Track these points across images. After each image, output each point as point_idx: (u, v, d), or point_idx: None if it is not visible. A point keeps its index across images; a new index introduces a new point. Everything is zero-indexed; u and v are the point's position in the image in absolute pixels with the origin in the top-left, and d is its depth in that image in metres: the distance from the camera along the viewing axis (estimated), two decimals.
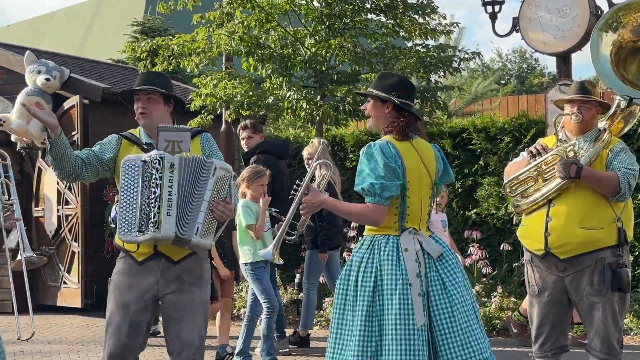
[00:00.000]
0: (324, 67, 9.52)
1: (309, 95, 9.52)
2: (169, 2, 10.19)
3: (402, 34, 10.06)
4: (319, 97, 9.59)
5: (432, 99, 9.94)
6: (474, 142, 10.65)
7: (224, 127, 10.76)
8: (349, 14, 9.64)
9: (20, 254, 5.72)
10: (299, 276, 9.16)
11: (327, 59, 9.51)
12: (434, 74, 10.17)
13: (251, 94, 9.45)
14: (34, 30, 32.55)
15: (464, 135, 10.78)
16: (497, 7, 9.13)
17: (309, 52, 9.53)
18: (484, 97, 17.20)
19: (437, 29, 10.11)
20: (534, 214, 4.93)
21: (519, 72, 31.99)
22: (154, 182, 4.25)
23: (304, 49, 9.64)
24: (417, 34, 10.00)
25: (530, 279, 5.01)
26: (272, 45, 9.63)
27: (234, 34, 9.37)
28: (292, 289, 9.45)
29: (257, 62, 9.52)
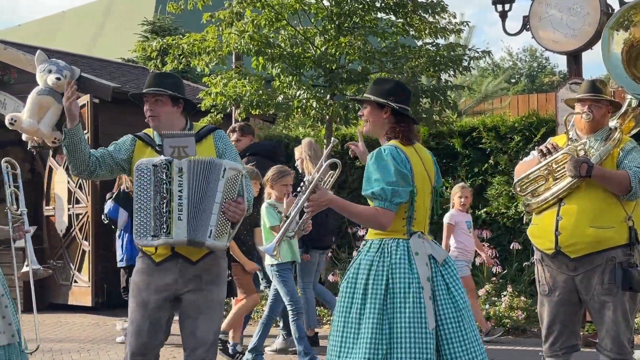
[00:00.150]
0: (334, 66, 9.52)
1: (318, 94, 9.52)
2: (179, 1, 10.21)
3: (412, 32, 10.05)
4: (329, 96, 9.59)
5: (442, 98, 9.93)
6: (484, 141, 10.63)
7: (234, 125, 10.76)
8: (358, 13, 9.63)
9: (26, 265, 5.71)
10: None
11: (336, 57, 9.51)
12: (443, 73, 10.15)
13: (261, 92, 9.47)
14: (45, 29, 32.63)
15: (474, 134, 10.76)
16: (507, 6, 9.10)
17: (319, 51, 9.53)
18: (494, 96, 17.16)
19: (447, 27, 10.10)
20: (544, 213, 4.91)
21: (529, 71, 31.91)
22: (164, 186, 4.27)
23: (314, 47, 9.65)
24: (426, 32, 9.99)
25: (540, 278, 5.00)
26: (281, 44, 9.64)
27: (244, 33, 9.38)
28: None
29: (266, 61, 9.53)
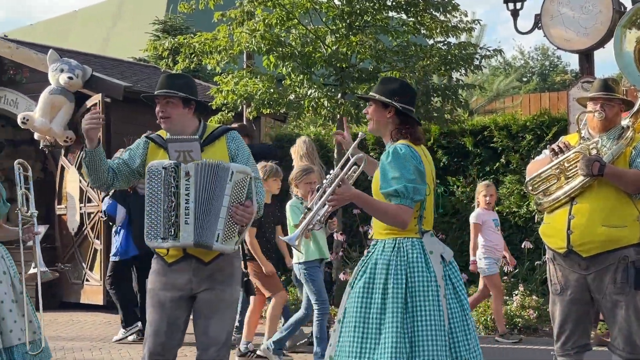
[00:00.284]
0: (345, 65, 9.52)
1: (329, 93, 9.52)
2: (191, 1, 10.22)
3: (423, 31, 10.03)
4: (340, 95, 9.58)
5: (454, 97, 9.91)
6: (495, 140, 10.61)
7: (245, 123, 10.77)
8: (369, 12, 9.62)
9: (34, 267, 5.73)
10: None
11: (347, 56, 9.50)
12: (455, 71, 10.13)
13: (272, 91, 9.47)
14: (57, 29, 32.74)
15: (486, 133, 10.74)
16: (518, 4, 9.09)
17: (330, 49, 9.52)
18: (506, 94, 17.09)
19: (458, 26, 10.08)
20: (556, 211, 4.90)
21: (541, 70, 31.79)
22: (172, 190, 4.29)
23: (325, 46, 9.64)
24: (438, 31, 9.96)
25: (552, 277, 4.98)
26: (292, 43, 9.64)
27: (255, 32, 9.39)
28: None
29: (277, 59, 9.53)
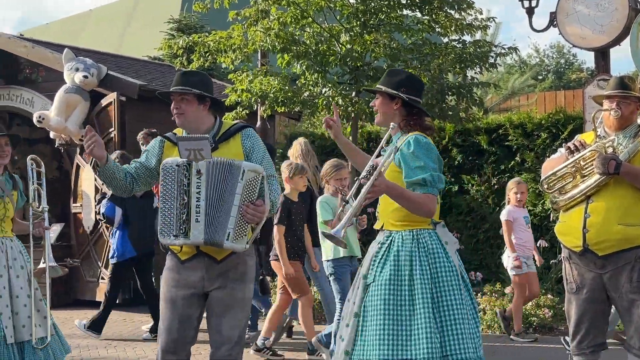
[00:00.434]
0: (359, 63, 9.51)
1: (344, 91, 9.52)
2: (205, 0, 10.24)
3: (438, 29, 10.01)
4: (354, 94, 9.58)
5: (468, 95, 9.88)
6: (510, 138, 10.57)
7: (259, 123, 10.80)
8: (384, 10, 9.61)
9: (43, 262, 5.78)
10: None
11: (362, 55, 9.49)
12: (470, 69, 10.10)
13: (286, 89, 9.48)
14: (72, 28, 32.89)
15: (500, 131, 10.71)
16: (534, 2, 9.06)
17: (344, 48, 9.52)
18: (521, 92, 17.03)
19: (473, 24, 10.05)
20: (572, 210, 4.88)
21: (556, 68, 31.64)
22: (184, 188, 4.30)
23: (339, 45, 9.64)
24: (452, 29, 9.94)
25: (568, 276, 4.96)
26: (307, 41, 9.64)
27: (270, 31, 9.39)
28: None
29: (292, 58, 9.53)
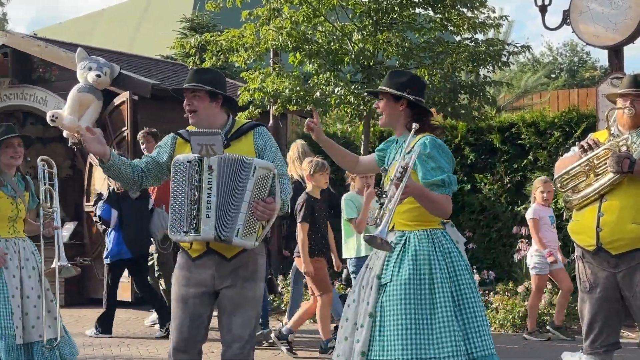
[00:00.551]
0: (372, 62, 9.49)
1: (356, 90, 9.51)
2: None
3: (451, 28, 9.98)
4: (367, 93, 9.56)
5: (481, 94, 9.86)
6: (523, 136, 10.55)
7: (271, 122, 10.80)
8: (396, 9, 9.58)
9: (54, 262, 5.80)
10: (345, 271, 9.17)
11: (374, 53, 9.48)
12: (482, 68, 10.07)
13: (298, 89, 9.48)
14: (85, 27, 33.01)
15: (513, 129, 10.68)
16: (547, 0, 9.02)
17: (357, 47, 9.51)
18: (534, 91, 17.00)
19: (486, 22, 10.01)
20: (585, 209, 4.86)
21: (569, 66, 31.56)
22: (194, 184, 4.30)
23: (352, 44, 9.63)
24: (465, 27, 9.91)
25: (581, 275, 4.95)
26: (319, 40, 9.63)
27: (282, 30, 9.40)
28: (340, 283, 9.46)
29: (304, 57, 9.53)
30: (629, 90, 4.87)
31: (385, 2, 9.47)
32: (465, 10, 9.85)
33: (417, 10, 10.05)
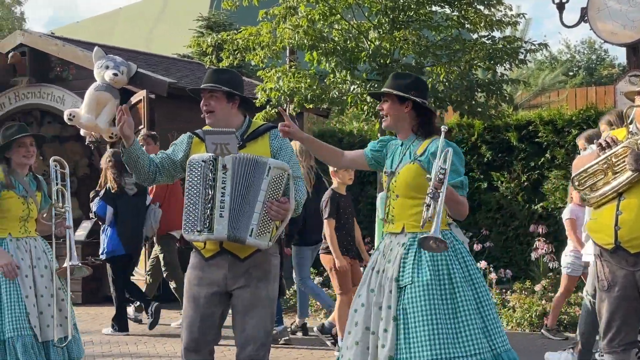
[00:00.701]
0: (388, 60, 9.48)
1: (372, 88, 9.50)
2: None
3: (467, 25, 9.95)
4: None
5: (498, 92, 9.82)
6: (540, 134, 10.51)
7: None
8: (413, 7, 9.56)
9: (66, 261, 5.80)
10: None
11: (391, 52, 9.46)
12: (500, 66, 10.04)
13: (315, 87, 9.47)
14: (102, 26, 33.14)
15: (530, 127, 10.65)
16: None
17: (373, 45, 9.50)
18: (551, 89, 16.93)
19: (503, 20, 9.97)
20: (603, 207, 4.83)
21: (587, 64, 31.38)
22: (209, 183, 4.29)
23: (368, 42, 9.62)
24: (482, 25, 9.88)
25: (599, 273, 4.92)
26: (335, 38, 9.63)
27: (298, 28, 9.40)
28: None
29: (320, 55, 9.53)
30: None
31: (401, 0, 9.45)
32: (482, 7, 9.81)
33: (434, 8, 10.02)
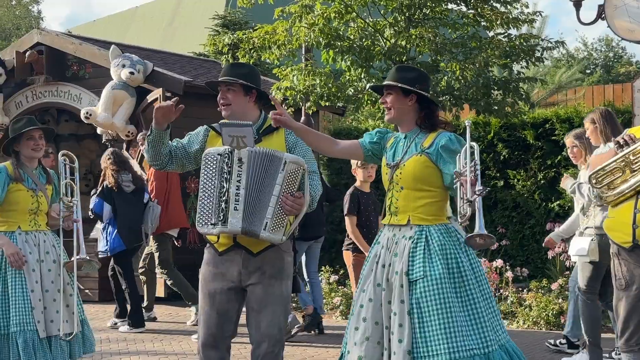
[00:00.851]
0: (404, 58, 9.46)
1: None
2: None
3: (483, 23, 9.91)
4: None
5: (514, 90, 9.78)
6: (557, 132, 10.46)
7: (303, 118, 10.80)
8: (429, 4, 9.54)
9: (74, 256, 5.81)
10: None
11: (406, 50, 9.44)
12: (516, 63, 10.00)
13: (330, 85, 9.47)
14: (118, 25, 33.28)
15: (547, 125, 10.60)
16: None
17: (389, 43, 9.48)
18: (568, 86, 16.83)
19: (519, 17, 9.93)
20: (621, 205, 4.80)
21: (604, 61, 31.20)
22: (224, 176, 4.29)
23: (384, 40, 9.60)
24: (498, 23, 9.83)
25: (617, 272, 4.89)
26: (351, 36, 9.62)
27: (314, 26, 9.39)
28: None
29: (336, 53, 9.52)
30: None
31: None
32: (498, 5, 9.78)
33: (450, 5, 9.99)
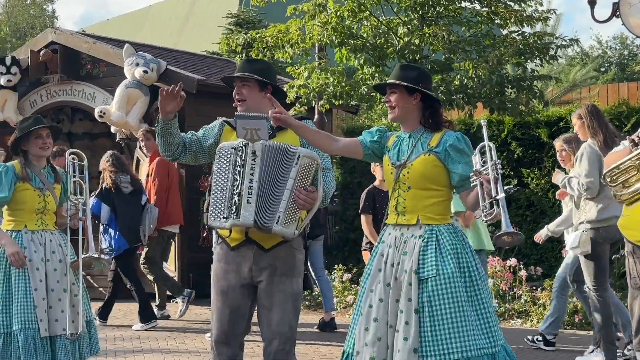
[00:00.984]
0: (417, 57, 9.44)
1: None
2: None
3: (497, 21, 9.89)
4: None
5: (528, 88, 9.75)
6: (571, 131, 10.40)
7: (316, 117, 10.80)
8: (442, 2, 9.52)
9: (84, 254, 5.80)
10: None
11: (420, 48, 9.42)
12: (530, 61, 9.96)
13: (344, 84, 9.46)
14: (132, 24, 33.37)
15: (561, 124, 10.54)
16: None
17: (402, 41, 9.47)
18: (583, 85, 16.76)
19: (533, 15, 9.89)
20: (635, 204, 4.77)
21: (619, 59, 31.04)
22: (238, 169, 4.29)
23: (397, 38, 9.59)
24: (512, 21, 9.80)
25: (632, 270, 4.86)
26: (364, 35, 9.61)
27: (327, 25, 9.39)
28: None
29: (349, 52, 9.51)
30: None
31: None
32: (512, 3, 9.75)
33: (464, 3, 9.97)
